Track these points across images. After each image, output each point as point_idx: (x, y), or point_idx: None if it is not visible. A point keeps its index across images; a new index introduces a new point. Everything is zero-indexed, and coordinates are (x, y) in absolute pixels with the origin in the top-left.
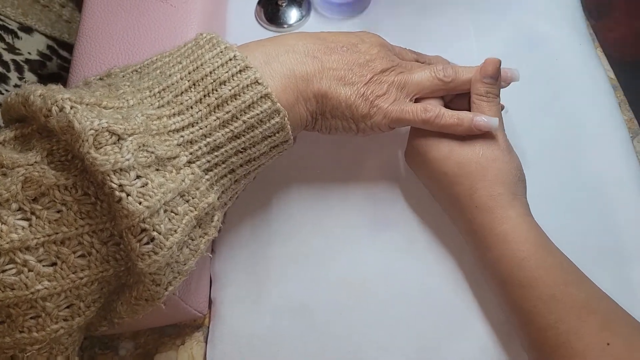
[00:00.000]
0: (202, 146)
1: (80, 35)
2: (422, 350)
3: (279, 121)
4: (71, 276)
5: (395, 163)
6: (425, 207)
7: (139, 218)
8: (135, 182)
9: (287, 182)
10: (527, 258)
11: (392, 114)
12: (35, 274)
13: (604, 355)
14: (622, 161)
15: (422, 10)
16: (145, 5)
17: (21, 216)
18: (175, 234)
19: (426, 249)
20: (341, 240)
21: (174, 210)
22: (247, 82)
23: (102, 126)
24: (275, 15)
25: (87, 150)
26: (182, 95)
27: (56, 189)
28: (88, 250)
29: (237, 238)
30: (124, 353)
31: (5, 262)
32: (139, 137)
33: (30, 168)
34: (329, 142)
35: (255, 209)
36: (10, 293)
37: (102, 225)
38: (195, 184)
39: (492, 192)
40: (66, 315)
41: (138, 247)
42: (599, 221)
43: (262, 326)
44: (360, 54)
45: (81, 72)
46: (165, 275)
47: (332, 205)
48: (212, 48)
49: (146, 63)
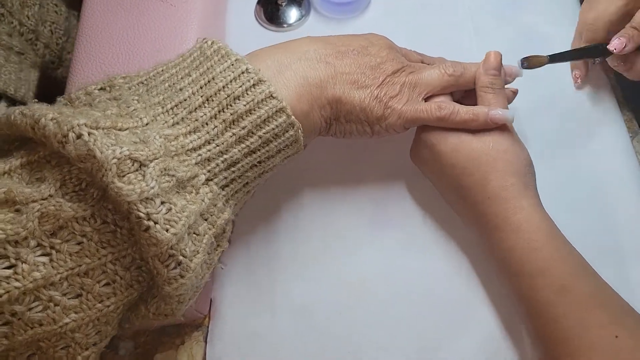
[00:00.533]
0: (219, 163)
1: (80, 34)
2: (422, 350)
3: (293, 134)
4: (98, 306)
5: (396, 163)
6: (426, 208)
7: (168, 245)
8: (160, 209)
9: (288, 182)
10: (540, 248)
11: (407, 114)
12: (62, 308)
13: (613, 347)
14: (622, 161)
15: (421, 9)
16: (145, 5)
17: (41, 252)
18: (198, 254)
19: (426, 249)
20: (341, 240)
21: (196, 231)
22: (261, 97)
23: (124, 154)
24: (275, 14)
25: (111, 179)
26: (196, 112)
27: (74, 221)
28: (112, 278)
29: (238, 238)
30: (123, 353)
31: (31, 301)
32: (160, 162)
33: (45, 202)
34: (330, 143)
35: (257, 209)
36: (39, 329)
37: (125, 252)
38: (214, 201)
39: (505, 182)
40: (95, 341)
41: (166, 272)
42: (599, 221)
43: (261, 326)
44: (371, 57)
45: (81, 73)
46: (188, 294)
47: (332, 205)
48: (222, 60)
49: (152, 75)
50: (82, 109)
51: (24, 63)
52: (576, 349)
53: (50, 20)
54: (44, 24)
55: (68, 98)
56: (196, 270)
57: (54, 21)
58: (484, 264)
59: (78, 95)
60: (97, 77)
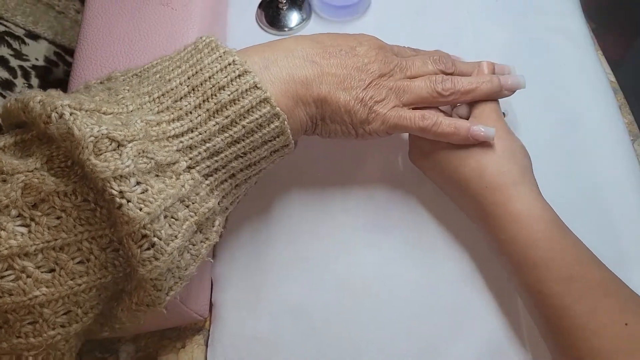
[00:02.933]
0: (201, 151)
1: (81, 38)
2: (422, 352)
3: (279, 125)
4: (69, 283)
5: (394, 165)
6: (425, 209)
7: (140, 224)
8: (135, 189)
9: (286, 185)
10: (542, 238)
11: (391, 120)
12: (34, 280)
13: (623, 335)
14: (623, 164)
15: (421, 12)
16: (147, 9)
17: (20, 222)
18: (176, 239)
19: (425, 251)
20: (340, 242)
21: (174, 215)
22: (246, 87)
23: (102, 133)
24: (276, 18)
25: (87, 157)
26: (181, 101)
27: (56, 196)
28: (87, 257)
29: (237, 241)
30: (124, 356)
31: (4, 268)
32: (139, 144)
33: (30, 174)
34: (328, 145)
35: (255, 212)
36: (8, 299)
37: (102, 232)
38: (195, 189)
39: (501, 168)
40: (63, 322)
41: (139, 253)
42: (600, 224)
43: (262, 329)
44: (359, 57)
45: (82, 76)
46: (166, 281)
47: (331, 208)
48: (211, 52)
49: (146, 67)
50: (70, 94)
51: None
52: (586, 337)
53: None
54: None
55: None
56: (173, 255)
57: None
58: (483, 266)
59: (79, 89)
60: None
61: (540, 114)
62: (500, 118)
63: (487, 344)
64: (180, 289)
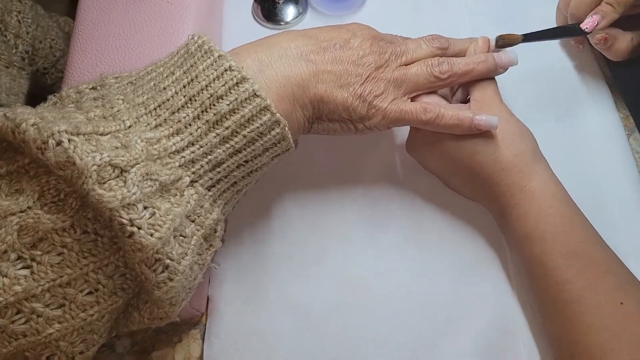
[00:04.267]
0: (203, 164)
1: (76, 31)
2: (419, 348)
3: (280, 132)
4: (81, 315)
5: (392, 162)
6: (422, 205)
7: (153, 250)
8: (143, 214)
9: (284, 181)
10: (554, 214)
11: (392, 114)
12: (45, 319)
13: (617, 313)
14: (618, 158)
15: (418, 5)
16: (142, 3)
17: (22, 265)
18: (186, 256)
19: (423, 248)
20: (338, 238)
21: (183, 233)
22: (245, 96)
23: (105, 161)
24: (272, 12)
25: (92, 187)
26: (179, 112)
27: (54, 233)
28: (95, 287)
29: (235, 237)
30: (120, 350)
31: (13, 313)
32: (142, 167)
33: (24, 215)
34: (326, 143)
35: (253, 208)
36: (23, 340)
37: (106, 261)
38: (200, 202)
39: (516, 150)
40: (82, 349)
41: (154, 277)
42: (596, 218)
43: (259, 323)
44: (354, 50)
45: (77, 69)
46: (179, 295)
47: (329, 204)
48: (205, 56)
49: (141, 74)
50: (64, 112)
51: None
52: (581, 311)
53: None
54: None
55: (59, 96)
56: (185, 273)
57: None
58: (481, 261)
59: (69, 93)
60: (93, 73)
61: (536, 108)
62: (501, 102)
63: (484, 339)
64: (190, 298)
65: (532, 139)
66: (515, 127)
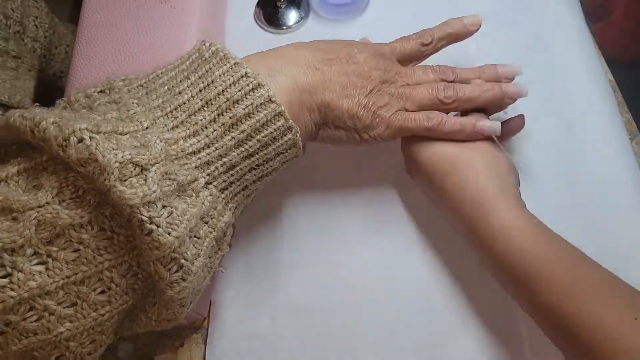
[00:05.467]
0: (218, 166)
1: (79, 35)
2: (422, 350)
3: (292, 137)
4: (92, 314)
5: (395, 167)
6: (425, 211)
7: (170, 249)
8: (162, 213)
9: (288, 186)
10: (529, 250)
11: (395, 123)
12: (57, 317)
13: (634, 329)
14: (621, 162)
15: (420, 11)
16: (145, 7)
17: (37, 261)
18: (199, 257)
19: (426, 252)
20: (341, 242)
21: (197, 234)
22: (260, 101)
23: (126, 158)
24: (274, 16)
25: (113, 183)
26: (195, 115)
27: (71, 229)
28: (108, 286)
29: (238, 241)
30: (122, 354)
31: (26, 310)
32: (162, 166)
33: (42, 210)
34: (330, 147)
35: (256, 212)
36: (33, 338)
37: (121, 259)
38: (213, 204)
39: (484, 182)
40: (90, 350)
41: (168, 276)
42: (598, 222)
43: (261, 327)
44: (359, 65)
45: (80, 73)
46: (189, 297)
47: (332, 208)
48: (221, 63)
49: (152, 77)
50: (82, 113)
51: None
52: (599, 339)
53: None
54: (28, 18)
55: (67, 100)
56: (197, 274)
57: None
58: None
59: (77, 97)
60: (96, 78)
61: (539, 112)
62: None
63: (487, 343)
64: (197, 301)
65: (506, 174)
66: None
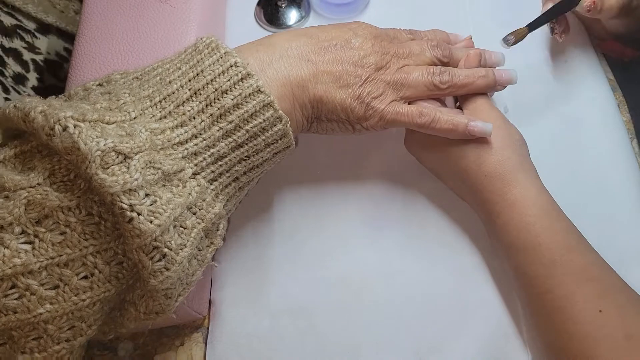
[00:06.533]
0: (206, 157)
1: (79, 35)
2: (421, 351)
3: (282, 128)
4: (73, 299)
5: (394, 162)
6: (424, 206)
7: (151, 237)
8: (144, 201)
9: (286, 183)
10: (533, 223)
11: (388, 116)
12: (38, 298)
13: (595, 321)
14: (621, 162)
15: (420, 9)
16: (145, 6)
17: (24, 239)
18: (185, 248)
19: (425, 249)
20: (340, 240)
21: (183, 224)
22: (249, 91)
23: (109, 146)
24: (274, 16)
25: (95, 171)
26: (183, 105)
27: (60, 211)
28: (91, 271)
29: (237, 239)
30: (123, 354)
31: (8, 287)
32: (145, 155)
33: (33, 190)
34: (328, 143)
35: (255, 210)
36: (12, 317)
37: (106, 245)
38: (201, 195)
39: (500, 157)
40: (68, 337)
41: (150, 264)
42: (598, 222)
43: (261, 327)
44: (354, 50)
45: (80, 73)
46: (176, 289)
47: (331, 206)
48: (211, 53)
49: (147, 70)
50: (72, 102)
51: None
52: (563, 320)
53: None
54: None
55: (67, 95)
56: (183, 264)
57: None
58: (483, 262)
59: (77, 91)
60: (96, 77)
61: (539, 111)
62: (493, 107)
63: (487, 342)
64: (187, 294)
65: (520, 145)
66: (504, 133)
